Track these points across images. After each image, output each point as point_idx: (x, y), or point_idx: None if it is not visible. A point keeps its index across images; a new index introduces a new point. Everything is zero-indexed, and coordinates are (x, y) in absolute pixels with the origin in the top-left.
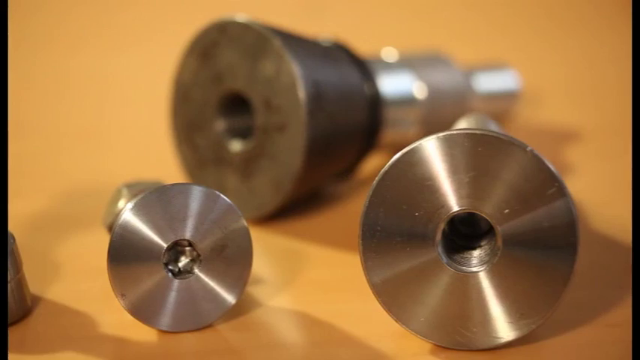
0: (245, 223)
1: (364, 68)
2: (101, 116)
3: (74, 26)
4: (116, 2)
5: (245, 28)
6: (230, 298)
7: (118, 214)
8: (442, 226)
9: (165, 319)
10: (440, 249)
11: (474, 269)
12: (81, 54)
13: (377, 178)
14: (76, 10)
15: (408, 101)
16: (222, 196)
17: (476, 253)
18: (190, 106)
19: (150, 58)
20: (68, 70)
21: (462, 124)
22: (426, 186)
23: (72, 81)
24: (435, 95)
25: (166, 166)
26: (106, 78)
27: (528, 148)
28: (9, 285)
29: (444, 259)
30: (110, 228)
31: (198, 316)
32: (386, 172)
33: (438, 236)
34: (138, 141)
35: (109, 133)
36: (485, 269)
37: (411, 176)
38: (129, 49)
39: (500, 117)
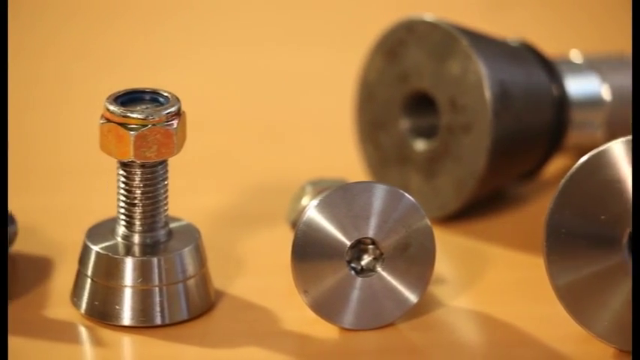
0: (429, 223)
1: (551, 69)
2: (286, 113)
3: (257, 23)
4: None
5: (433, 27)
6: (412, 298)
7: (301, 211)
8: (629, 230)
9: (348, 317)
10: (626, 253)
11: None
12: (266, 51)
13: (563, 180)
14: (260, 7)
15: (595, 103)
16: (406, 194)
17: None
18: (375, 104)
19: (335, 56)
20: (253, 66)
21: None
22: (614, 189)
23: (258, 77)
24: (622, 97)
25: (349, 165)
26: (290, 75)
27: None
28: (193, 279)
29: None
30: (294, 225)
31: (380, 315)
32: (573, 174)
33: (625, 240)
34: (321, 139)
35: (293, 130)
36: None
37: (599, 179)
38: (314, 46)
39: None
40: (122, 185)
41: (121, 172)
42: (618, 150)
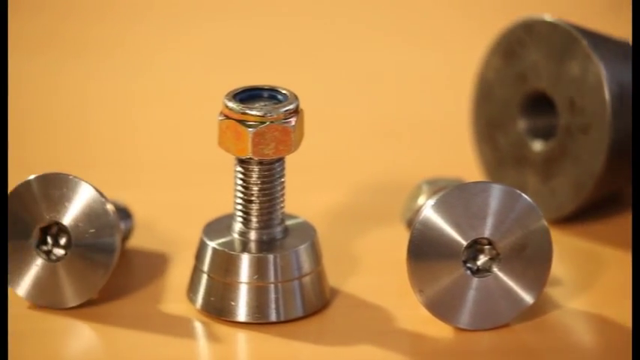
0: (546, 224)
1: None
2: (403, 111)
3: (376, 22)
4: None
5: (553, 27)
6: (528, 299)
7: (417, 210)
8: None
9: (463, 317)
10: None
11: None
12: (385, 50)
13: None
14: (380, 7)
15: None
16: (523, 195)
17: None
18: (492, 104)
19: (453, 55)
20: (371, 65)
21: None
22: None
23: (376, 76)
24: None
25: (465, 164)
26: (408, 74)
27: None
28: (309, 277)
29: None
30: (409, 224)
31: (495, 315)
32: None
33: None
34: (438, 138)
35: (409, 128)
36: None
37: None
38: (432, 45)
39: None
40: (239, 182)
41: (239, 168)
42: None
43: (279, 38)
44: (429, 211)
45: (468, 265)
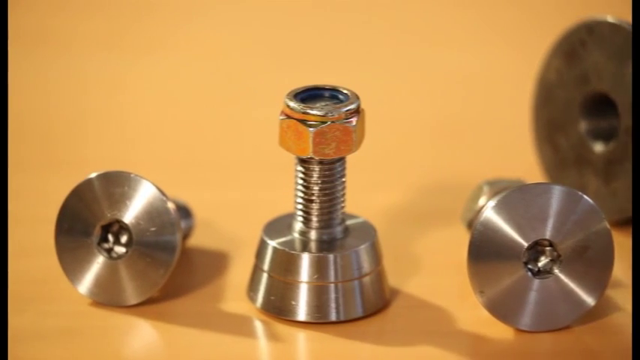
0: (608, 226)
1: None
2: (464, 112)
3: (435, 23)
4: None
5: (615, 28)
6: (589, 301)
7: (478, 211)
8: None
9: (524, 319)
10: None
11: None
12: (445, 50)
13: None
14: (438, 7)
15: None
16: (585, 196)
17: None
18: (553, 105)
19: (513, 55)
20: (432, 65)
21: None
22: None
23: (437, 77)
24: None
25: (526, 165)
26: (469, 74)
27: None
28: (369, 277)
29: None
30: (470, 224)
31: (556, 317)
32: None
33: None
34: (499, 139)
35: (470, 129)
36: None
37: None
38: (492, 45)
39: None
40: (300, 181)
41: (300, 168)
42: None
43: (339, 38)
44: (489, 212)
45: (529, 266)
